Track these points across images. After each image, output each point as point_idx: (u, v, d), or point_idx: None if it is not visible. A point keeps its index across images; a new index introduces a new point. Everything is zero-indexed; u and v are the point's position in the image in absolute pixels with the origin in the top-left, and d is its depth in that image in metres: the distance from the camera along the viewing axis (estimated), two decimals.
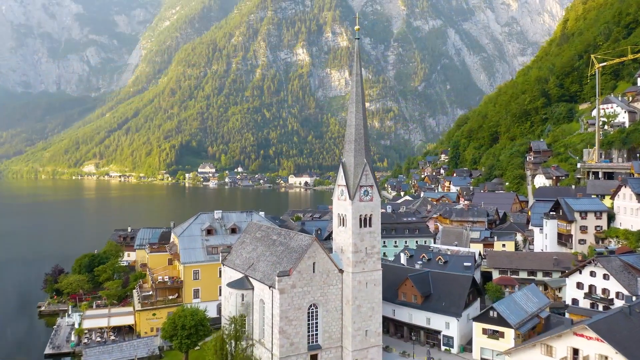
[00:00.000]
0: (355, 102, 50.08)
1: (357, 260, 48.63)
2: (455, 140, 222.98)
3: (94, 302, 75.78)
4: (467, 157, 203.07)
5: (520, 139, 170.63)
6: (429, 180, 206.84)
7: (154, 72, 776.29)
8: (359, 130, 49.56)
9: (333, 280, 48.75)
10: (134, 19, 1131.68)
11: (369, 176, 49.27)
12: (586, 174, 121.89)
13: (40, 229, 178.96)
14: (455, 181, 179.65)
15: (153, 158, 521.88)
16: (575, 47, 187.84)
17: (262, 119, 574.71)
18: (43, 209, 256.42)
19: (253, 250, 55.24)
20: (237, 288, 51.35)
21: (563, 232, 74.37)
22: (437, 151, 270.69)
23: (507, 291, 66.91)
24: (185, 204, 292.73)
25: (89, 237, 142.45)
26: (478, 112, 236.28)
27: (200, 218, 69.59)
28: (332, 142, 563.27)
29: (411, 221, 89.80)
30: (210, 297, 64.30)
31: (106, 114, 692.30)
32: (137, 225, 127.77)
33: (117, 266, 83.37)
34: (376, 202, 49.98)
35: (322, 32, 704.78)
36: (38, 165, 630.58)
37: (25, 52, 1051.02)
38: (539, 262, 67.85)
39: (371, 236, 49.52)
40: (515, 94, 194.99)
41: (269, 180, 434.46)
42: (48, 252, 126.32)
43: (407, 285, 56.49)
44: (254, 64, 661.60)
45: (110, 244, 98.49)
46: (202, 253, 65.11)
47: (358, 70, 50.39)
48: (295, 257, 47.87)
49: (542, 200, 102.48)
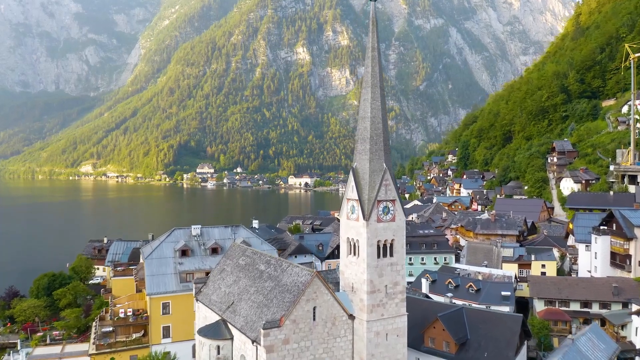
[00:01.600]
0: (372, 87, 36.65)
1: (374, 304, 35.40)
2: (464, 140, 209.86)
3: (48, 335, 62.51)
4: (478, 158, 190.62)
5: (537, 138, 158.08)
6: (436, 182, 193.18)
7: (153, 72, 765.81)
8: (376, 124, 36.27)
9: (341, 330, 35.56)
10: (134, 18, 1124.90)
11: (390, 187, 36.04)
12: (620, 177, 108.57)
13: (8, 238, 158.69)
14: (466, 184, 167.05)
15: (151, 158, 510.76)
16: (595, 39, 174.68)
17: (262, 118, 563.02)
18: (22, 212, 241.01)
19: (234, 284, 42.02)
20: (210, 337, 38.15)
21: (618, 252, 61.02)
22: (443, 151, 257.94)
23: (553, 327, 53.66)
24: (180, 207, 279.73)
25: (62, 249, 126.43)
26: (488, 110, 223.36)
27: (173, 235, 56.24)
28: (333, 142, 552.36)
29: (428, 234, 76.50)
30: (184, 336, 51.05)
31: (104, 113, 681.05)
32: (119, 234, 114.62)
33: (81, 289, 70.00)
34: (400, 223, 36.76)
35: (322, 30, 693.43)
36: (35, 166, 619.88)
37: (24, 52, 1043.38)
38: (594, 291, 54.54)
39: (393, 270, 36.28)
40: (530, 91, 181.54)
41: (269, 181, 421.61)
42: (8, 268, 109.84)
43: (436, 329, 43.19)
44: (253, 63, 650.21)
45: (80, 259, 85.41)
46: (173, 280, 51.85)
47: (374, 43, 37.08)
48: (288, 299, 34.66)
49: (577, 208, 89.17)
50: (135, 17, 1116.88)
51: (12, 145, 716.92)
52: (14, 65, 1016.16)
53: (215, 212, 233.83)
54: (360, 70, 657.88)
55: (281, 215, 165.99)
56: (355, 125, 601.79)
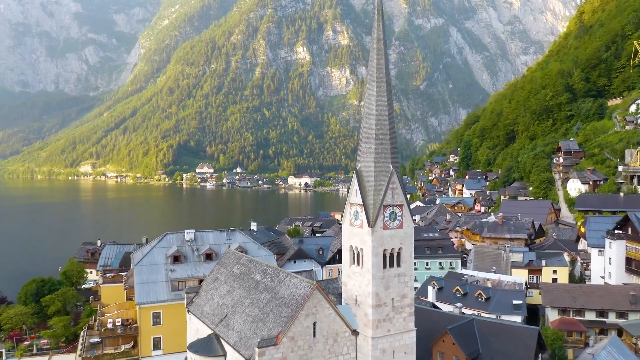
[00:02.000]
0: (377, 81, 33.55)
1: (380, 318, 32.37)
2: (466, 140, 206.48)
3: (35, 344, 59.47)
4: (480, 158, 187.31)
5: (542, 138, 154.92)
6: (438, 182, 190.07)
7: (153, 71, 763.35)
8: (382, 122, 33.19)
9: (343, 347, 32.52)
10: (133, 17, 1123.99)
11: (397, 191, 33.01)
12: (629, 178, 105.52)
13: (3, 240, 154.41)
14: (469, 184, 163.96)
15: (150, 158, 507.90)
16: (600, 37, 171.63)
17: (262, 118, 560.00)
18: (19, 213, 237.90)
19: (228, 294, 38.97)
20: (202, 354, 35.12)
21: (634, 257, 57.96)
22: (445, 151, 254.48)
23: (567, 337, 50.61)
24: (178, 207, 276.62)
25: (56, 252, 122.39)
26: (491, 109, 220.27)
27: (165, 240, 53.10)
28: (333, 141, 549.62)
29: (433, 238, 73.37)
30: (176, 348, 47.89)
31: (104, 113, 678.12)
32: (114, 236, 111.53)
33: (70, 295, 66.95)
34: (408, 230, 33.80)
35: (322, 30, 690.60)
36: (34, 166, 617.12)
37: (24, 51, 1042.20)
38: (611, 300, 51.46)
39: (400, 281, 33.25)
40: (534, 90, 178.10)
41: (268, 181, 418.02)
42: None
43: (445, 342, 40.19)
44: (253, 62, 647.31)
45: (72, 263, 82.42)
46: (164, 289, 48.75)
47: (380, 34, 34.02)
48: (286, 313, 31.61)
49: (586, 210, 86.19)
50: (135, 17, 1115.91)
51: (12, 145, 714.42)
52: (14, 65, 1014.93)
53: (213, 213, 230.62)
54: (360, 70, 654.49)
55: (281, 216, 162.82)
56: (355, 125, 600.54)
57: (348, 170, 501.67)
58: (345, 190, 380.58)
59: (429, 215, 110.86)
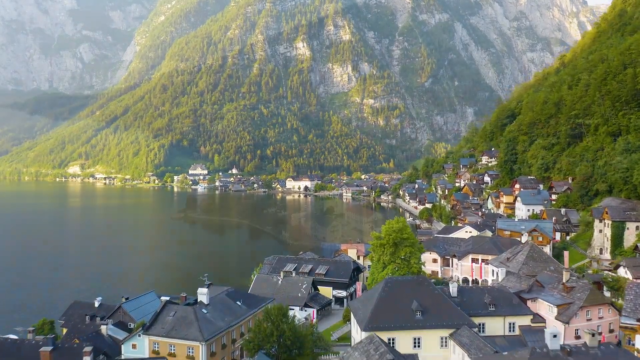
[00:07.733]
0: None
1: None
2: (510, 137, 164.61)
3: None
4: (532, 161, 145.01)
5: (634, 133, 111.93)
6: (470, 191, 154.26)
7: (147, 68, 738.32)
8: None
9: None
10: (130, 14, 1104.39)
11: None
12: None
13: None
14: (525, 197, 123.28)
15: (140, 158, 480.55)
16: None
17: (260, 116, 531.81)
18: None
19: None
20: None
21: None
22: (472, 152, 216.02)
23: None
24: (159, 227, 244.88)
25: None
26: (543, 99, 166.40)
27: None
28: (335, 141, 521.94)
29: None
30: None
31: (96, 112, 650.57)
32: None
33: None
34: None
35: (323, 25, 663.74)
36: (22, 166, 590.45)
37: (17, 49, 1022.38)
38: None
39: None
40: (611, 70, 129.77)
41: (264, 184, 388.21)
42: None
43: None
44: (251, 58, 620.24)
45: None
46: None
47: None
48: None
49: None
50: (131, 14, 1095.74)
51: (1, 145, 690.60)
52: (6, 63, 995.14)
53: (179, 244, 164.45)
54: (362, 66, 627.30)
55: (269, 242, 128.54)
56: (357, 123, 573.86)
57: (350, 171, 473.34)
58: (349, 194, 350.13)
59: (512, 262, 67.99)
